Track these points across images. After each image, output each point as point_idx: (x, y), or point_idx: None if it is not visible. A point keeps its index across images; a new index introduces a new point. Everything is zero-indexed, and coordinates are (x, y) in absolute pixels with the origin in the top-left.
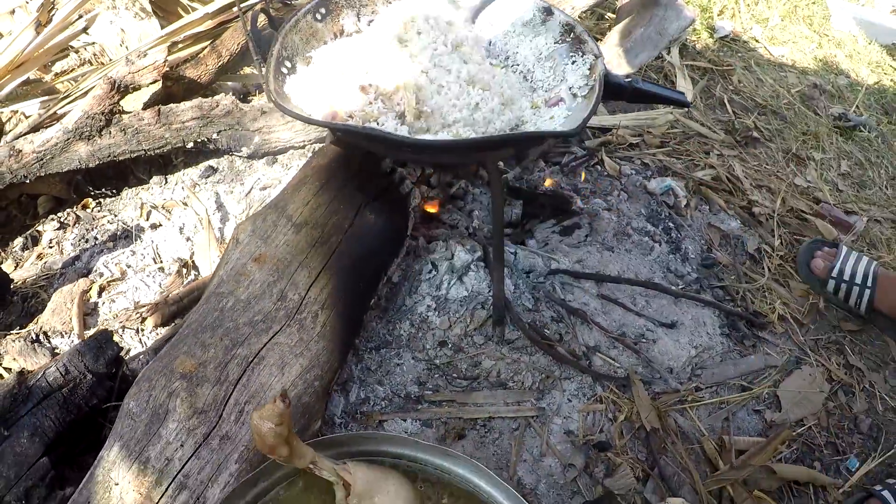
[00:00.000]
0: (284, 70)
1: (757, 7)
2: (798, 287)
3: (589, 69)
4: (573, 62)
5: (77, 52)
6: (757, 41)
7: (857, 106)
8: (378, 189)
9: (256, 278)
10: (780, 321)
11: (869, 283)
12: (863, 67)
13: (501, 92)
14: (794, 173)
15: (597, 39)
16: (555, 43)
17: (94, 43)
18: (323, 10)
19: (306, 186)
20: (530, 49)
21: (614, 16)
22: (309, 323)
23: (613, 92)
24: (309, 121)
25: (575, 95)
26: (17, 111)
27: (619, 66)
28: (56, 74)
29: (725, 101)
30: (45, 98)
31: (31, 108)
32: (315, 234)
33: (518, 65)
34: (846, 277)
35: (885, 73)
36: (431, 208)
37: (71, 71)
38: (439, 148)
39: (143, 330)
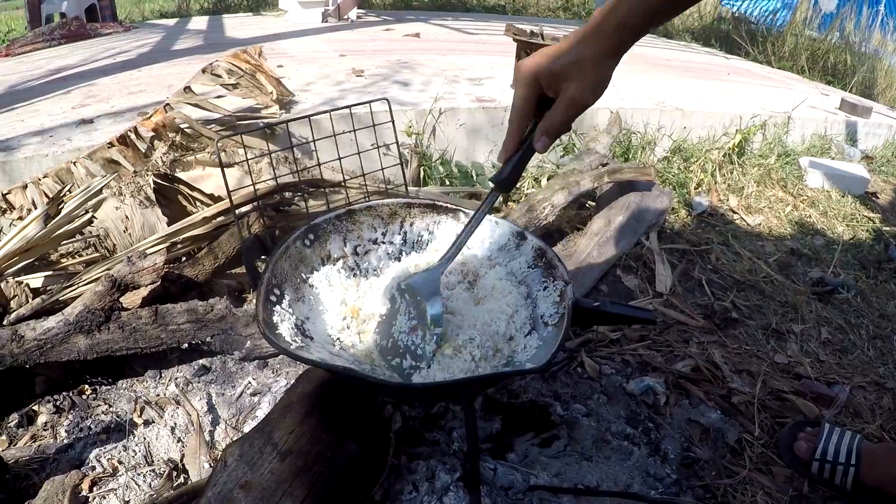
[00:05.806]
0: (273, 298)
1: (732, 175)
2: (781, 472)
3: (559, 296)
4: (545, 287)
5: (82, 234)
6: (734, 212)
7: (834, 266)
8: (360, 416)
9: None
10: None
11: (853, 461)
12: (837, 224)
13: (488, 338)
14: (774, 350)
15: (578, 229)
16: (528, 267)
17: (93, 223)
18: (311, 236)
19: (292, 414)
20: (506, 274)
21: (594, 204)
22: None
23: (583, 318)
24: (294, 356)
25: (546, 324)
26: (21, 282)
27: (601, 255)
28: (62, 255)
29: (704, 282)
30: (50, 273)
31: (36, 281)
32: (299, 463)
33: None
34: (829, 458)
35: (859, 225)
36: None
37: (76, 253)
38: (415, 390)
39: None
